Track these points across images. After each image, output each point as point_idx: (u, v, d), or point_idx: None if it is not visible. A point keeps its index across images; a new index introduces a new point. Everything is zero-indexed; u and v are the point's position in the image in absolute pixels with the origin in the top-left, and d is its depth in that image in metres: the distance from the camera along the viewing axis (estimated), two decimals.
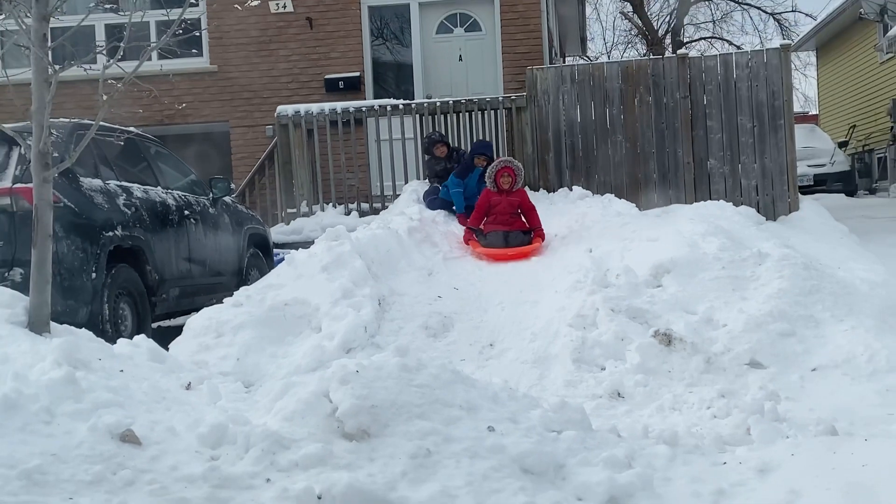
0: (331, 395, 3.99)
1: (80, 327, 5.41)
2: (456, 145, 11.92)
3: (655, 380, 6.05)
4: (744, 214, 10.09)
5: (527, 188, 10.67)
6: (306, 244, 9.15)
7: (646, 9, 32.71)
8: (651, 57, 18.33)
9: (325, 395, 4.02)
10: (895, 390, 5.65)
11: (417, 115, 12.42)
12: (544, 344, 6.67)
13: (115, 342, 5.47)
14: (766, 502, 3.84)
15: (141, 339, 5.57)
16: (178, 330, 7.24)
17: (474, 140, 11.95)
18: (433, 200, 10.82)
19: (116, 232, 7.62)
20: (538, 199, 11.51)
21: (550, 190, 11.83)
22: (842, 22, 23.86)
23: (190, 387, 5.08)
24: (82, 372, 4.43)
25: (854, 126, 23.96)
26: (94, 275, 7.23)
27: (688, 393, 5.87)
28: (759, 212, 11.13)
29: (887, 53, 20.32)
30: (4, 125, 5.65)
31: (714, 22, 34.67)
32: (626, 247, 8.36)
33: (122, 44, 5.38)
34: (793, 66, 16.46)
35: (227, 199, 9.92)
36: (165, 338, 6.86)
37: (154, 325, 8.24)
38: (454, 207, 10.61)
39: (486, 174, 9.93)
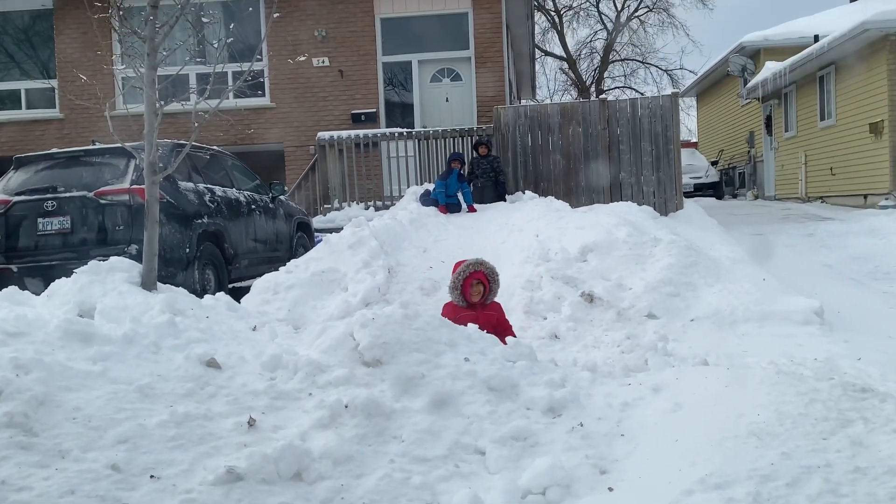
0: (354, 335, 4.00)
1: (178, 287, 5.39)
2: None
3: (581, 326, 6.07)
4: (645, 211, 10.08)
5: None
6: (338, 230, 9.14)
7: (578, 67, 32.71)
8: (581, 100, 18.29)
9: (350, 335, 4.02)
10: (749, 335, 5.68)
11: (416, 140, 12.38)
12: (505, 300, 6.67)
13: (202, 297, 5.46)
14: (658, 410, 3.87)
15: (221, 295, 5.56)
16: (246, 289, 7.23)
17: None
18: (426, 200, 10.82)
19: (203, 220, 7.59)
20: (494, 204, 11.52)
21: (509, 193, 11.82)
22: (715, 76, 23.87)
23: (255, 329, 5.08)
24: (180, 318, 4.42)
25: (722, 150, 24.02)
26: (188, 250, 7.20)
27: (604, 336, 5.89)
28: (655, 209, 11.12)
29: (746, 99, 20.37)
30: (126, 143, 5.60)
31: (625, 76, 34.71)
32: (562, 233, 8.36)
33: (208, 87, 5.35)
34: (680, 107, 16.45)
35: (281, 197, 9.88)
36: (238, 295, 6.85)
37: (230, 286, 8.23)
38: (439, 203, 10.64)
39: (451, 283, 5.43)
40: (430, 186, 11.44)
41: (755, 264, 7.55)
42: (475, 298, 5.33)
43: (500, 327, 5.26)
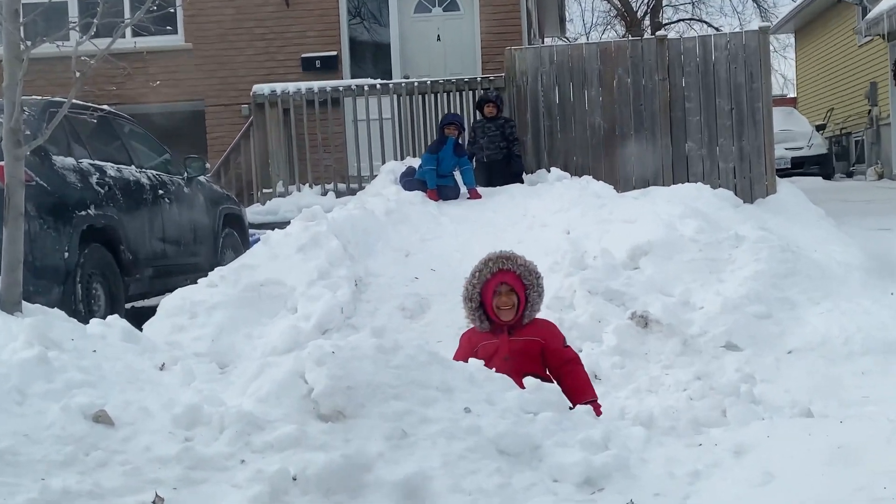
0: (306, 376, 3.98)
1: (53, 307, 5.37)
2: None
3: (632, 362, 6.07)
4: (721, 197, 10.11)
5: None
6: (282, 224, 9.12)
7: None
8: (630, 38, 18.32)
9: (300, 376, 4.00)
10: (870, 373, 5.70)
11: (395, 96, 12.38)
12: None
13: (88, 322, 5.43)
14: (741, 483, 3.86)
15: (114, 319, 5.53)
16: (152, 310, 7.21)
17: None
18: (409, 182, 10.80)
19: (89, 211, 7.56)
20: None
21: (529, 171, 11.82)
22: (821, 4, 23.90)
23: (164, 367, 5.05)
24: (54, 352, 4.39)
25: (832, 109, 24.07)
26: (66, 254, 7.18)
27: (664, 375, 5.88)
28: (736, 194, 11.15)
29: (865, 36, 20.39)
30: None
31: (693, 3, 34.76)
32: (604, 228, 8.36)
33: (95, 20, 5.33)
34: (771, 48, 16.48)
35: (201, 178, 9.85)
36: (139, 318, 6.82)
37: (128, 306, 8.19)
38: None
39: (464, 290, 5.01)
40: (416, 162, 11.43)
41: (879, 273, 7.57)
42: (505, 317, 4.83)
43: (551, 360, 4.80)
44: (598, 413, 4.63)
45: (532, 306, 4.91)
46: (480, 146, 11.43)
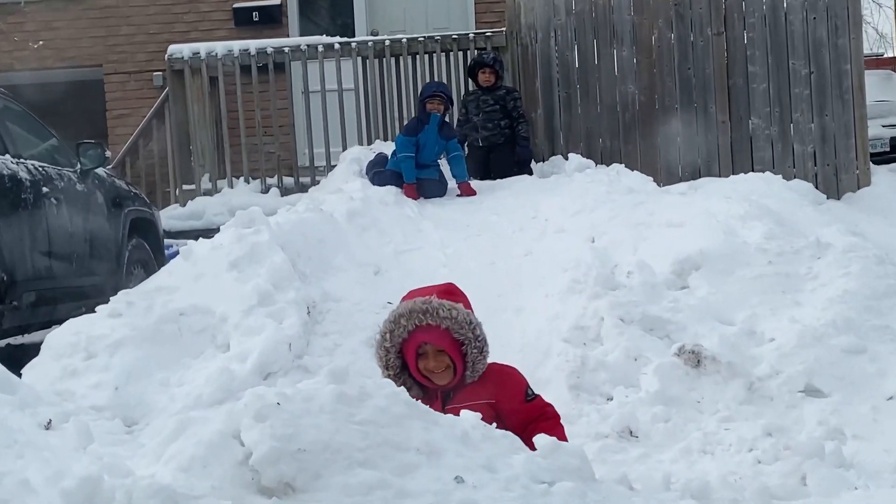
0: (242, 436, 3.97)
1: None
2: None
3: (680, 413, 6.07)
4: (797, 191, 10.14)
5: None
6: (209, 232, 9.11)
7: None
8: None
9: (234, 437, 3.99)
10: None
11: (359, 59, 12.42)
12: (532, 365, 6.67)
13: None
14: None
15: None
16: (35, 349, 7.18)
17: None
18: (379, 174, 10.81)
19: None
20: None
21: (539, 159, 11.86)
22: None
23: (51, 425, 5.04)
24: None
25: None
26: None
27: (723, 430, 5.88)
28: (817, 187, 11.21)
29: None
30: None
31: None
32: (641, 235, 8.36)
33: None
34: None
35: (100, 171, 9.84)
36: (17, 360, 6.79)
37: (1, 343, 8.16)
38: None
39: (376, 356, 5.09)
40: (388, 148, 11.44)
41: None
42: (440, 380, 4.87)
43: (512, 423, 4.72)
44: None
45: (474, 365, 4.87)
46: (475, 125, 11.46)
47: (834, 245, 7.56)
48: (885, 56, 32.73)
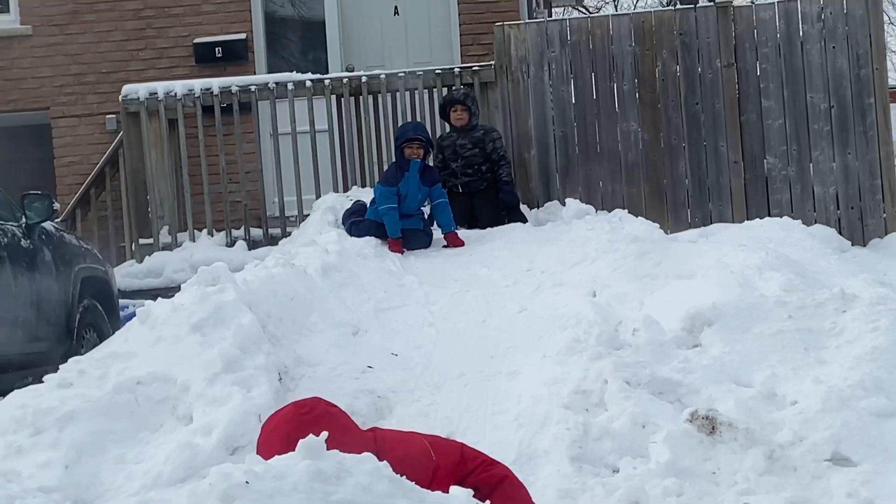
0: None
1: None
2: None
3: (694, 485, 6.06)
4: (819, 237, 10.18)
5: None
6: (169, 291, 9.12)
7: None
8: (678, 7, 18.52)
9: None
10: None
11: (334, 97, 12.49)
12: (528, 435, 6.67)
13: None
14: None
15: None
16: None
17: None
18: (357, 224, 10.84)
19: None
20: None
21: (534, 205, 11.89)
22: None
23: None
24: None
25: None
26: None
27: None
28: (840, 233, 11.28)
29: None
30: None
31: None
32: (647, 288, 8.39)
33: None
34: (886, 18, 16.71)
35: (48, 225, 9.84)
36: None
37: None
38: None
39: None
40: (366, 195, 11.47)
41: None
42: None
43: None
44: None
45: None
46: (453, 172, 11.51)
47: (860, 297, 7.57)
48: None
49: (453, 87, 12.21)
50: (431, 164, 11.26)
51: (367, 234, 10.65)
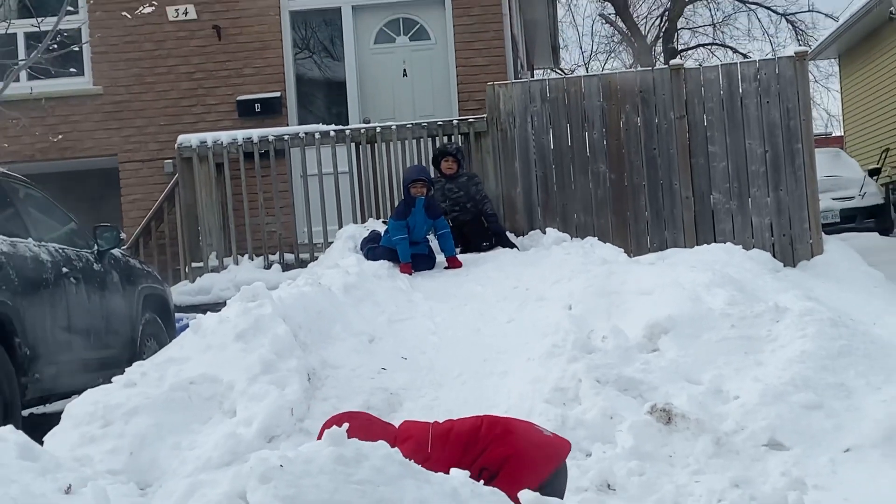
0: (248, 497, 3.94)
1: None
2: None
3: (654, 467, 6.04)
4: (756, 260, 10.18)
5: None
6: (216, 306, 9.10)
7: (631, 11, 33.17)
8: (639, 69, 18.56)
9: (240, 497, 3.97)
10: None
11: (353, 144, 12.47)
12: None
13: None
14: None
15: (8, 430, 5.47)
16: (55, 418, 7.14)
17: None
18: (373, 249, 10.84)
19: None
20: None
21: (519, 233, 11.90)
22: (868, 24, 24.23)
23: (70, 490, 4.99)
24: None
25: (888, 149, 24.31)
26: None
27: (693, 482, 5.86)
28: (774, 256, 11.27)
29: None
30: None
31: (715, 25, 35.26)
32: (614, 302, 8.38)
33: None
34: (811, 77, 16.73)
35: (116, 252, 9.83)
36: (41, 427, 6.75)
37: (25, 413, 8.10)
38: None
39: None
40: (380, 226, 11.47)
41: None
42: None
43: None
44: None
45: None
46: (444, 211, 11.49)
47: (791, 309, 7.57)
48: (834, 135, 32.96)
49: (446, 142, 12.20)
50: (433, 199, 11.23)
51: (382, 258, 10.65)
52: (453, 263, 10.81)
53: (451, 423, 5.09)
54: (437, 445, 4.81)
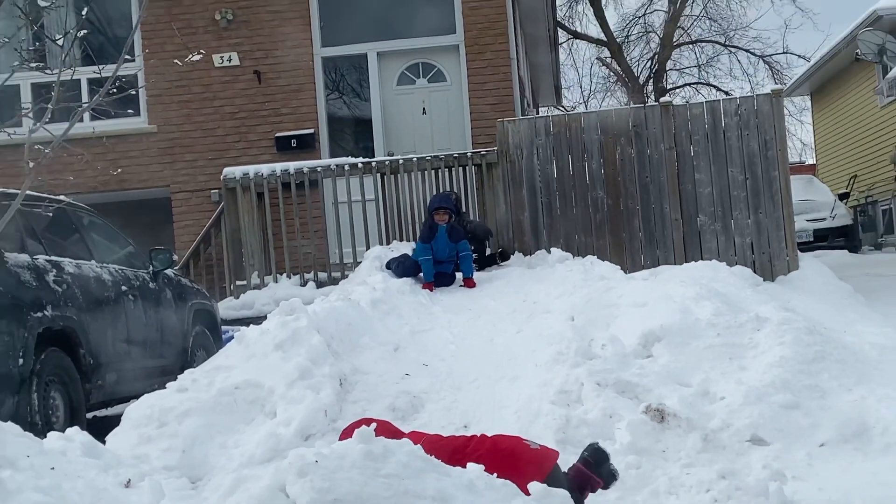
0: (287, 490, 3.95)
1: (6, 420, 5.33)
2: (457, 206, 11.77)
3: (649, 461, 6.03)
4: (739, 275, 10.16)
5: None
6: (258, 320, 9.11)
7: (625, 54, 33.25)
8: (632, 106, 18.56)
9: (280, 490, 3.97)
10: None
11: (378, 175, 12.49)
12: (525, 424, 6.64)
13: (45, 436, 5.39)
14: None
15: (74, 431, 5.50)
16: (116, 420, 7.15)
17: None
18: (402, 263, 10.89)
19: (46, 312, 7.54)
20: (514, 262, 11.59)
21: (527, 253, 11.90)
22: (838, 63, 24.27)
23: (129, 484, 5.01)
24: (8, 471, 4.36)
25: (855, 176, 24.29)
26: (20, 361, 7.14)
27: (684, 475, 5.84)
28: (755, 272, 11.24)
29: (888, 97, 20.67)
30: None
31: (699, 66, 35.31)
32: (612, 314, 8.37)
33: (50, 105, 5.40)
34: (786, 111, 16.72)
35: (168, 272, 9.87)
36: (102, 429, 6.77)
37: (89, 416, 8.13)
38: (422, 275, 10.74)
39: None
40: (404, 246, 11.49)
41: None
42: None
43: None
44: None
45: None
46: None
47: (770, 319, 7.56)
48: (807, 163, 32.91)
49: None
50: (455, 224, 11.21)
51: (407, 273, 10.79)
52: (468, 284, 10.86)
53: (444, 438, 5.17)
54: (424, 448, 4.70)
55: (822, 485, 5.52)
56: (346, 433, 5.02)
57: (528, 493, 4.36)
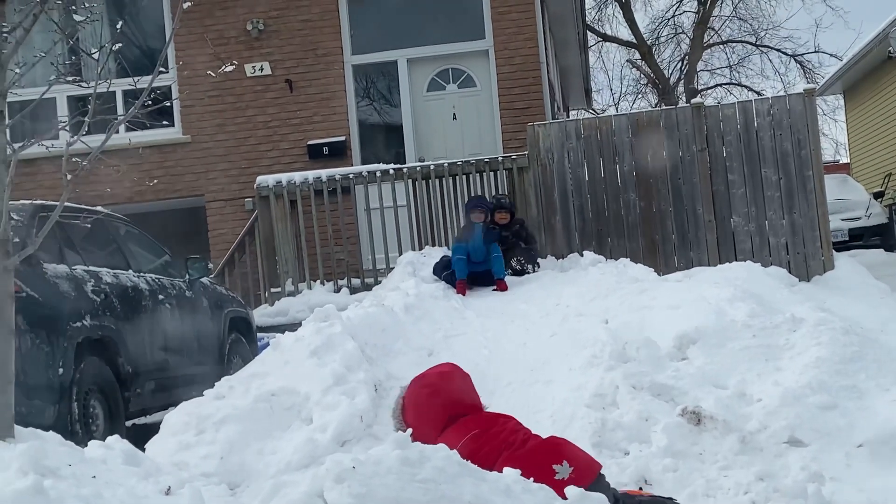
0: (325, 496, 3.96)
1: (48, 429, 5.37)
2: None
3: (685, 463, 6.01)
4: (774, 276, 10.09)
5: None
6: (293, 326, 9.15)
7: (655, 56, 33.13)
8: (663, 107, 18.50)
9: (318, 496, 3.99)
10: None
11: (410, 180, 12.51)
12: (560, 428, 6.63)
13: (86, 444, 5.44)
14: None
15: (114, 439, 5.54)
16: (154, 428, 7.20)
17: None
18: (444, 271, 10.86)
19: (85, 322, 7.62)
20: (546, 265, 11.56)
21: (559, 256, 11.87)
22: (870, 62, 24.06)
23: (170, 491, 5.04)
24: (51, 480, 4.39)
25: (890, 174, 24.06)
26: (61, 370, 7.22)
27: (722, 477, 5.83)
28: (790, 272, 11.16)
29: None
30: None
31: (731, 67, 35.12)
32: (646, 316, 8.34)
33: (86, 118, 5.44)
34: (819, 111, 16.63)
35: (204, 280, 9.94)
36: (141, 437, 6.81)
37: (128, 424, 8.19)
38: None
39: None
40: (437, 251, 11.49)
41: None
42: None
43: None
44: None
45: None
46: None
47: (806, 320, 7.51)
48: (841, 162, 32.65)
49: (498, 197, 11.98)
50: (490, 225, 11.21)
51: (446, 279, 10.76)
52: (500, 286, 10.81)
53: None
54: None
55: (861, 485, 5.49)
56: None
57: (564, 498, 4.35)
